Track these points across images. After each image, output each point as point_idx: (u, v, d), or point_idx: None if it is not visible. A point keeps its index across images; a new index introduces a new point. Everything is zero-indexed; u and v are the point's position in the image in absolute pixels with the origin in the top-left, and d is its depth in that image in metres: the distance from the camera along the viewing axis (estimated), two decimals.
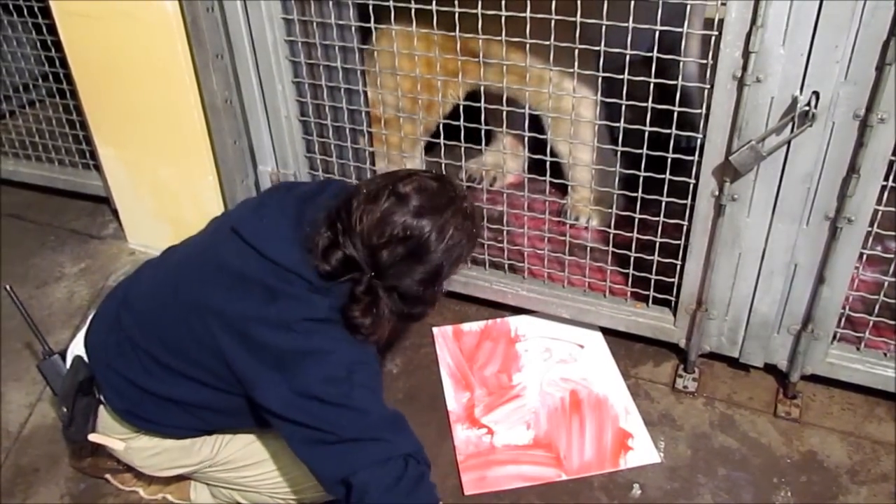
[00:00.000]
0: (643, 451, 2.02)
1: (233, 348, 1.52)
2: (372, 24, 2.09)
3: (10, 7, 2.85)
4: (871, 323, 1.97)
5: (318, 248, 1.51)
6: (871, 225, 1.79)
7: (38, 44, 2.90)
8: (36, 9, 2.71)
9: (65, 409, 1.71)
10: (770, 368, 2.16)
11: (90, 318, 1.81)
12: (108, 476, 1.98)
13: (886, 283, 1.90)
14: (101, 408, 1.74)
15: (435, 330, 2.45)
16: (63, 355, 1.80)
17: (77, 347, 1.77)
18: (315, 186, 1.74)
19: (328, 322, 1.52)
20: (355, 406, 1.48)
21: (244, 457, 1.80)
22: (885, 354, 2.02)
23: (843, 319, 1.98)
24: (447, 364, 2.33)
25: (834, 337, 2.02)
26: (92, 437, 1.74)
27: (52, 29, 2.60)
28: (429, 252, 1.51)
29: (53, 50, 2.76)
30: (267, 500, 1.84)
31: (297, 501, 1.83)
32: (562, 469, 2.00)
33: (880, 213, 1.77)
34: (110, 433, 1.75)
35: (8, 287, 1.93)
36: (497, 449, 2.06)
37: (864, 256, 1.85)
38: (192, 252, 1.70)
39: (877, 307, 1.93)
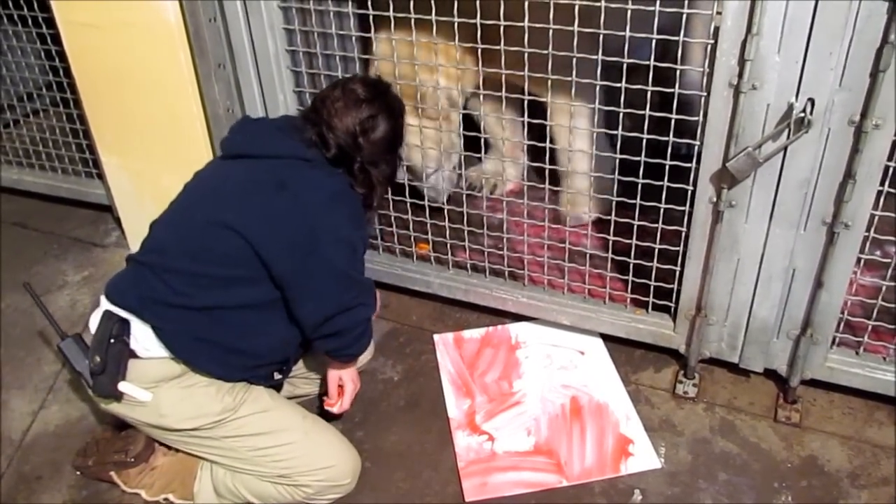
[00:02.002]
0: (644, 457, 2.03)
1: (253, 231, 1.75)
2: (372, 34, 2.10)
3: (15, 17, 2.87)
4: (869, 327, 1.98)
5: (315, 140, 1.85)
6: (869, 230, 1.80)
7: (42, 54, 2.93)
8: (40, 19, 2.73)
9: (98, 358, 1.78)
10: (770, 373, 2.17)
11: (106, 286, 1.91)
12: (112, 474, 1.99)
13: (885, 288, 1.91)
14: (131, 361, 1.80)
15: (436, 337, 2.46)
16: (80, 336, 1.86)
17: (96, 316, 1.84)
18: (276, 118, 2.11)
19: (336, 199, 1.81)
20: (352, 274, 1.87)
21: (259, 424, 1.87)
22: (885, 359, 2.03)
23: (842, 324, 1.98)
24: (448, 371, 2.34)
25: (833, 341, 2.03)
26: (121, 387, 1.79)
27: (56, 39, 2.62)
28: (388, 127, 1.90)
29: (57, 60, 2.78)
30: (271, 491, 1.88)
31: (299, 486, 1.88)
32: (563, 475, 2.00)
33: (877, 217, 1.78)
34: (138, 383, 1.81)
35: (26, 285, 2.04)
36: (498, 455, 2.07)
37: (862, 261, 1.86)
38: (194, 185, 1.93)
39: (875, 311, 1.94)
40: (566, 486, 1.98)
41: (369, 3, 2.04)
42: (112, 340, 1.79)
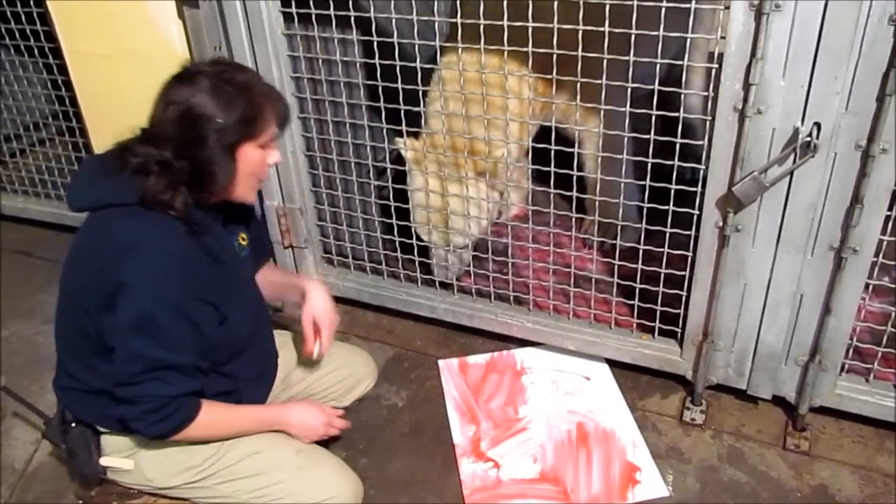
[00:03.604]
0: (651, 485, 2.00)
1: (79, 301, 1.65)
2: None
3: (22, 48, 2.89)
4: (879, 354, 1.95)
5: (114, 154, 1.65)
6: (877, 255, 1.78)
7: (49, 83, 2.95)
8: (46, 49, 2.75)
9: (63, 446, 1.78)
10: (778, 400, 2.14)
11: None
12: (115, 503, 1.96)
13: (894, 314, 1.89)
14: (101, 437, 1.78)
15: (441, 363, 2.45)
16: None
17: None
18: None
19: (132, 255, 1.56)
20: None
21: (249, 466, 1.81)
22: (895, 386, 2.00)
23: (851, 350, 1.97)
24: (453, 397, 2.31)
25: (842, 368, 2.01)
26: (103, 461, 1.78)
27: (62, 69, 2.64)
28: (205, 114, 1.57)
29: (63, 89, 2.80)
30: None
31: None
32: (569, 503, 1.98)
33: (885, 243, 1.77)
34: (116, 455, 1.79)
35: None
36: (503, 483, 2.04)
37: (871, 287, 1.85)
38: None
39: (885, 338, 1.92)
40: None
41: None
42: (73, 424, 1.77)
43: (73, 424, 1.77)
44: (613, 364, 2.35)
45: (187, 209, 1.60)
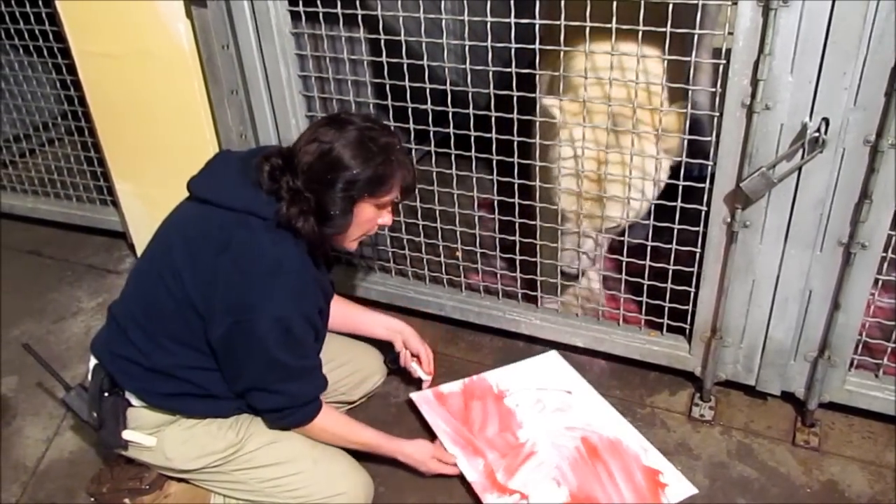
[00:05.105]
0: (679, 485, 1.95)
1: (197, 292, 1.71)
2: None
3: (30, 48, 2.91)
4: (888, 349, 1.95)
5: (260, 165, 1.73)
6: (886, 250, 1.78)
7: (58, 83, 2.97)
8: (55, 49, 2.76)
9: (94, 414, 1.82)
10: (787, 396, 2.14)
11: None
12: (126, 501, 1.97)
13: None
14: (129, 409, 1.83)
15: (414, 396, 2.28)
16: (83, 386, 1.90)
17: (92, 363, 1.88)
18: (251, 149, 1.96)
19: (276, 273, 1.68)
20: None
21: (267, 455, 1.86)
22: None
23: (860, 346, 1.96)
24: (445, 432, 2.14)
25: (851, 364, 2.00)
26: (125, 434, 1.82)
27: (71, 69, 2.65)
28: (341, 162, 1.67)
29: (72, 89, 2.81)
30: None
31: None
32: None
33: (894, 238, 1.76)
34: (141, 430, 1.84)
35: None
36: None
37: (880, 282, 1.84)
38: (160, 233, 1.88)
39: (894, 333, 1.92)
40: None
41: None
42: (106, 394, 1.82)
43: (107, 394, 1.82)
44: (621, 361, 2.34)
45: (312, 236, 1.73)
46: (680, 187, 1.90)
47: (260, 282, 1.68)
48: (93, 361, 1.87)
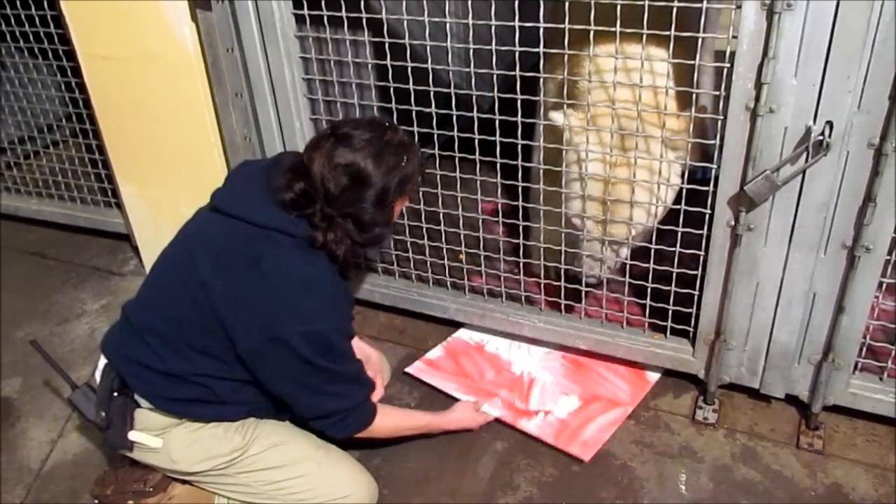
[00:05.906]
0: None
1: (224, 304, 1.71)
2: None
3: (35, 50, 2.92)
4: (893, 352, 1.95)
5: (284, 189, 1.72)
6: (890, 253, 1.78)
7: (63, 86, 2.97)
8: (60, 52, 2.77)
9: (102, 414, 1.82)
10: (791, 399, 2.14)
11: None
12: (130, 503, 1.98)
13: None
14: (137, 411, 1.83)
15: (410, 369, 2.43)
16: (90, 386, 1.90)
17: (100, 369, 1.88)
18: (272, 158, 1.96)
19: (310, 290, 1.71)
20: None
21: (272, 458, 1.87)
22: None
23: (865, 349, 1.96)
24: (454, 388, 2.34)
25: (856, 367, 2.00)
26: (131, 436, 1.83)
27: (76, 71, 2.66)
28: (370, 177, 1.70)
29: (77, 91, 2.82)
30: None
31: None
32: (622, 405, 2.23)
33: None
34: (148, 431, 1.84)
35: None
36: (568, 421, 2.19)
37: (884, 285, 1.84)
38: (180, 240, 1.88)
39: None
40: (630, 412, 2.21)
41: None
42: (115, 394, 1.83)
43: (116, 394, 1.82)
44: (625, 363, 2.35)
45: (349, 256, 1.80)
46: (684, 190, 1.90)
47: (293, 299, 1.69)
48: (102, 361, 1.87)
